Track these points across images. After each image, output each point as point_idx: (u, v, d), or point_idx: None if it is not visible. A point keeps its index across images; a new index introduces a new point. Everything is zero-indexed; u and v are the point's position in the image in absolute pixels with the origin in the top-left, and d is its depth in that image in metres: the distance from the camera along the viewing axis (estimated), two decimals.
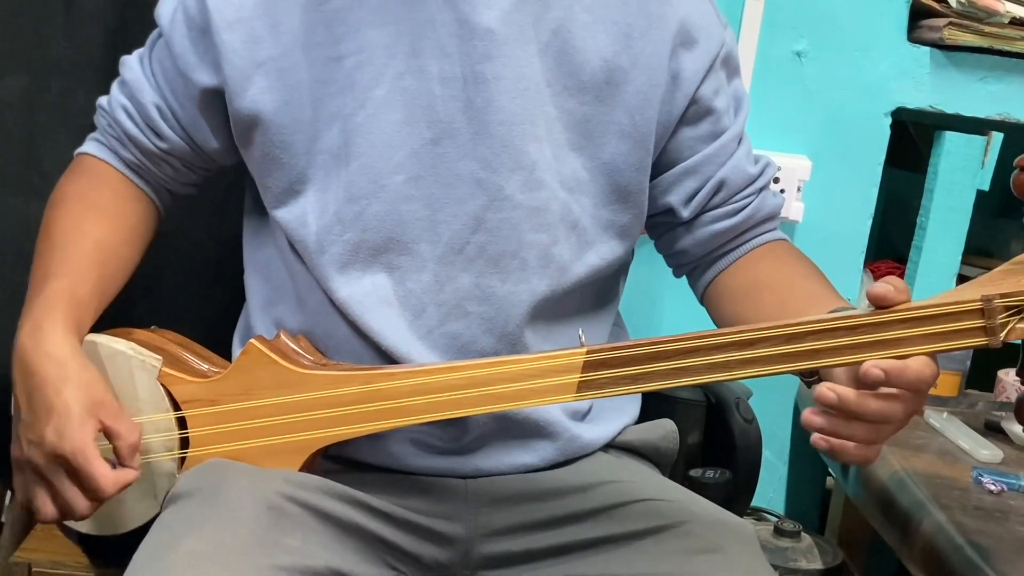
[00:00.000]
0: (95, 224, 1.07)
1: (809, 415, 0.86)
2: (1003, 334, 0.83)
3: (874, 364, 0.83)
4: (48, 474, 0.96)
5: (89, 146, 1.14)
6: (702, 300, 1.18)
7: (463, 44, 1.01)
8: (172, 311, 1.34)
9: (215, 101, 1.07)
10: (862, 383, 0.85)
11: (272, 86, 1.03)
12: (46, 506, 0.97)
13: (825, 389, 0.85)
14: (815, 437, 0.86)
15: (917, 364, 0.84)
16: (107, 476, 0.94)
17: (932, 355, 0.85)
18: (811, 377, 0.92)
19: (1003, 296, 0.83)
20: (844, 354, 0.86)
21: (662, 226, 1.16)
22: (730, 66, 1.12)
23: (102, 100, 1.14)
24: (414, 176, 1.02)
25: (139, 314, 1.15)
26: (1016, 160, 0.85)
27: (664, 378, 0.89)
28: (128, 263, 1.10)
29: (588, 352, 0.91)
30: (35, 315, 0.98)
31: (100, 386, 0.97)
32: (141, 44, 1.13)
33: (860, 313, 0.86)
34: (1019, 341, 0.86)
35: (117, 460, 0.96)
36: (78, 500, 0.96)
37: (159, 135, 1.10)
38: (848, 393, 0.84)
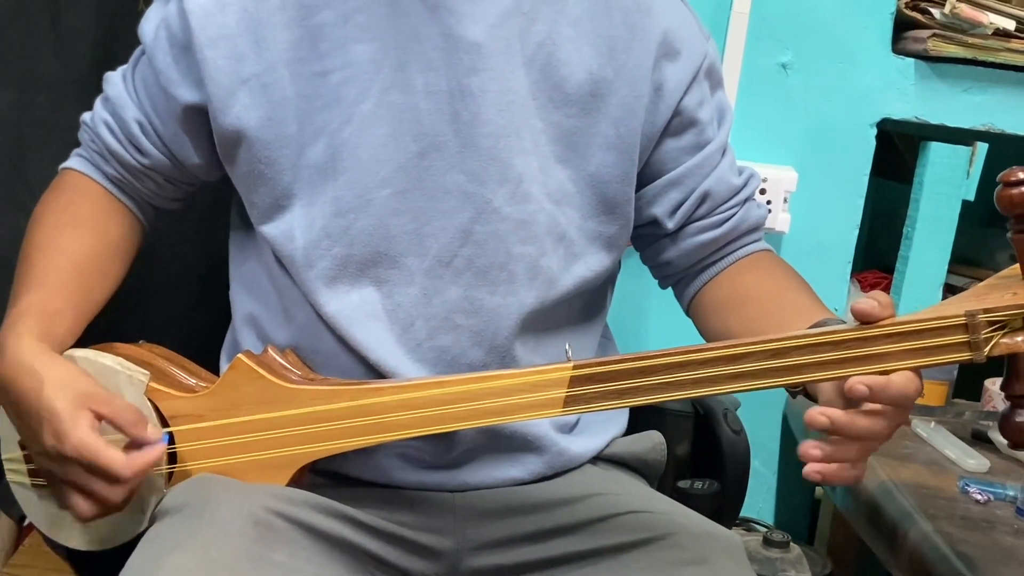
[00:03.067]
0: (72, 238, 1.07)
1: (807, 448, 0.86)
2: (987, 349, 0.83)
3: (859, 380, 0.83)
4: (68, 476, 0.95)
5: (72, 161, 1.14)
6: (688, 312, 1.18)
7: (449, 58, 1.02)
8: (160, 325, 1.34)
9: (197, 117, 1.07)
10: (847, 399, 0.85)
11: (256, 102, 1.03)
12: (81, 506, 0.97)
13: (817, 415, 0.85)
14: (808, 469, 0.86)
15: (900, 380, 0.84)
16: (120, 460, 0.93)
17: (916, 370, 0.85)
18: (795, 388, 0.92)
19: (987, 311, 0.83)
20: (829, 369, 0.86)
21: (647, 238, 1.17)
22: (713, 78, 1.13)
23: (85, 116, 1.14)
24: (401, 190, 1.02)
25: (127, 328, 1.14)
26: (1000, 175, 0.85)
27: (650, 393, 0.89)
28: (109, 277, 1.10)
29: (575, 367, 0.91)
30: (1, 333, 0.98)
31: (78, 378, 0.96)
32: (128, 60, 1.13)
33: (845, 328, 0.86)
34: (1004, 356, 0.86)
35: (131, 439, 0.96)
36: (105, 491, 0.95)
37: (140, 151, 1.10)
38: (838, 415, 0.84)
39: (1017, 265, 0.87)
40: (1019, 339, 0.84)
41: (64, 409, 0.93)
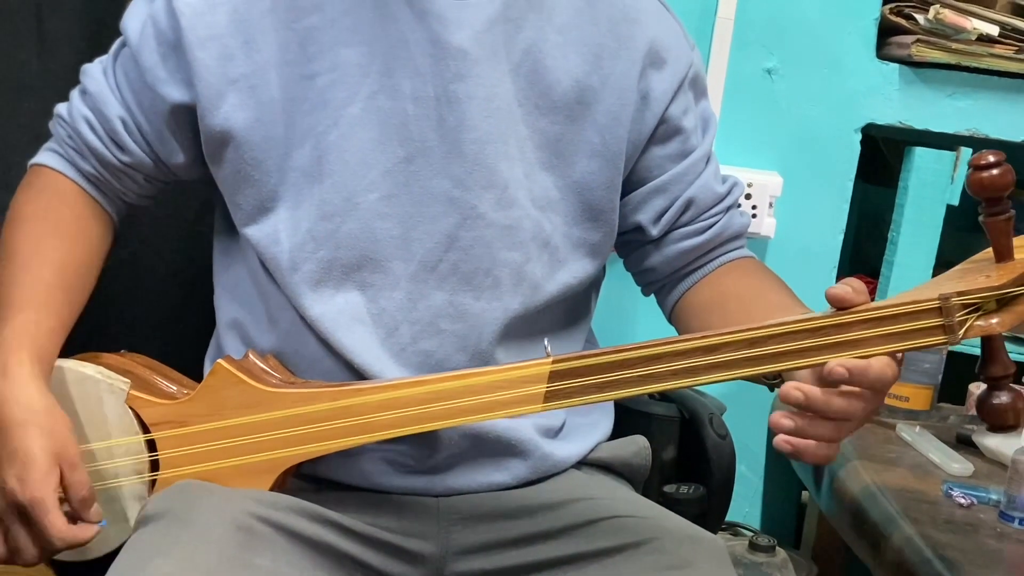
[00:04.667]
0: (57, 248, 1.06)
1: (777, 417, 0.87)
2: (962, 332, 0.84)
3: (838, 363, 0.84)
4: (3, 517, 0.96)
5: (46, 157, 1.12)
6: (670, 319, 1.19)
7: (436, 64, 1.02)
8: (144, 332, 1.34)
9: (184, 116, 1.06)
10: (826, 382, 0.85)
11: (244, 103, 1.03)
12: None
13: (792, 389, 0.85)
14: (779, 439, 0.87)
15: (879, 364, 0.85)
16: (61, 530, 0.95)
17: (893, 355, 0.86)
18: (774, 379, 0.93)
19: (960, 294, 0.83)
20: (806, 356, 0.86)
21: (631, 244, 1.17)
22: (698, 87, 1.14)
23: (61, 109, 1.12)
24: (387, 194, 1.03)
25: (111, 335, 1.14)
26: (970, 159, 0.86)
27: (630, 385, 0.90)
28: (89, 284, 1.09)
29: (554, 362, 0.91)
30: (1, 353, 0.98)
31: (65, 432, 0.97)
32: None
33: (820, 315, 0.87)
34: (978, 339, 0.87)
35: (73, 512, 0.97)
36: (28, 548, 0.97)
37: (122, 148, 1.09)
38: (814, 392, 0.85)
39: (990, 249, 0.87)
40: (993, 321, 0.84)
41: (42, 461, 0.94)
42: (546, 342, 0.96)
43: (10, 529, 0.96)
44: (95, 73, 1.10)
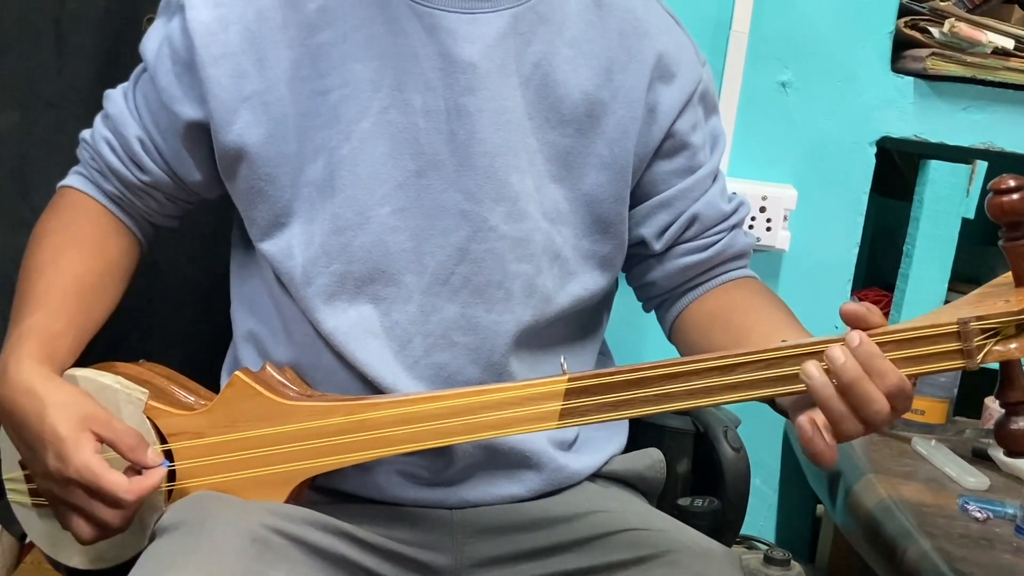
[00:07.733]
0: (73, 259, 1.08)
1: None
2: (980, 357, 0.83)
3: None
4: (70, 499, 0.97)
5: (71, 179, 1.15)
6: (669, 336, 1.18)
7: (446, 77, 1.02)
8: (162, 343, 1.34)
9: (199, 134, 1.07)
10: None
11: (257, 120, 1.04)
12: (82, 529, 0.98)
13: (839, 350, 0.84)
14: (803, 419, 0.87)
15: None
16: (122, 484, 0.94)
17: (911, 378, 0.85)
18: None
19: (979, 319, 0.83)
20: None
21: (634, 258, 1.17)
22: (707, 103, 1.14)
23: (85, 134, 1.14)
24: (400, 208, 1.03)
25: (129, 346, 1.15)
26: (990, 184, 0.86)
27: (646, 404, 0.90)
28: (109, 297, 1.10)
29: (570, 380, 0.92)
30: (3, 356, 0.99)
31: (80, 399, 0.98)
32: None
33: (840, 336, 0.86)
34: (996, 364, 0.86)
35: (131, 463, 0.97)
36: (107, 514, 0.96)
37: (141, 168, 1.11)
38: (853, 360, 0.84)
39: (1010, 273, 0.87)
40: (1012, 346, 0.84)
41: (67, 432, 0.95)
42: (562, 360, 0.96)
43: (84, 508, 0.97)
44: (116, 97, 1.13)
